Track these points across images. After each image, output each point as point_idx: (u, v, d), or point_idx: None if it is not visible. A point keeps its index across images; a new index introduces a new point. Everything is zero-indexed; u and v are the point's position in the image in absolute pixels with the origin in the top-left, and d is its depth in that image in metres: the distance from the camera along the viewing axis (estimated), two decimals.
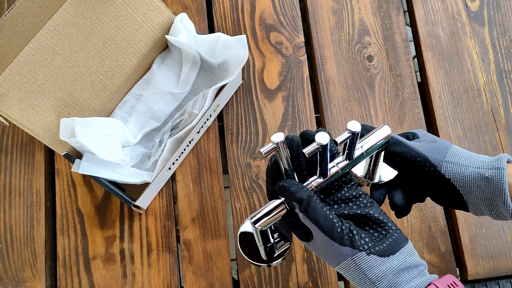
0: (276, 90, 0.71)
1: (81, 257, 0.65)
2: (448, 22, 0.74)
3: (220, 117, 0.71)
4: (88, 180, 0.67)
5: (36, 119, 0.59)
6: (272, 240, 0.49)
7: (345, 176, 0.48)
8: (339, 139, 0.45)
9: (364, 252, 0.44)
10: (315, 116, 0.71)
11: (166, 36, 0.64)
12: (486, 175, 0.47)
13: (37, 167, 0.68)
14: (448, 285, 0.44)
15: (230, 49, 0.64)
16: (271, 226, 0.46)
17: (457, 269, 0.66)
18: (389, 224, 0.46)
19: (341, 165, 0.47)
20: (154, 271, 0.65)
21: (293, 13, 0.75)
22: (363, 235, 0.45)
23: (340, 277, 0.68)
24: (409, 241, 0.46)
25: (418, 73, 0.76)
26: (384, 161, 0.52)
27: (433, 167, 0.49)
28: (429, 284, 0.44)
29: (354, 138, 0.44)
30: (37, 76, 0.58)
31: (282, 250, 0.50)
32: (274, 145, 0.43)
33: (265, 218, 0.45)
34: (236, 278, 0.66)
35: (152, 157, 0.65)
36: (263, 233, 0.47)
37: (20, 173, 0.68)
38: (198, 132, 0.67)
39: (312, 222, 0.44)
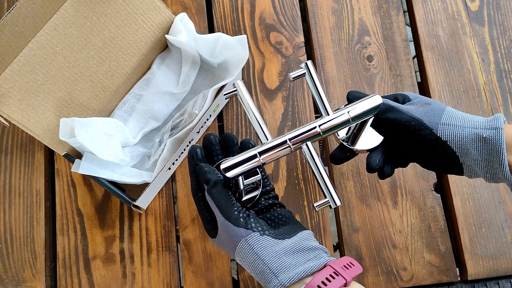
0: (276, 90, 0.71)
1: (81, 257, 0.65)
2: (448, 22, 0.75)
3: (220, 117, 0.71)
4: (88, 180, 0.67)
5: (36, 119, 0.59)
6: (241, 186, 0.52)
7: (264, 187, 0.53)
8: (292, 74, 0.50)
9: (258, 233, 0.45)
10: (315, 116, 0.71)
11: (166, 35, 0.64)
12: (484, 136, 0.46)
13: (37, 167, 0.68)
14: (344, 266, 0.44)
15: (230, 49, 0.64)
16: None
17: (457, 269, 0.66)
18: (290, 218, 0.49)
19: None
20: (154, 271, 0.65)
21: (293, 13, 0.75)
22: (260, 222, 0.47)
23: None
24: (308, 230, 0.48)
25: (418, 73, 0.76)
26: (370, 126, 0.53)
27: (428, 130, 0.48)
28: (324, 266, 0.44)
29: None
30: (37, 76, 0.58)
31: (250, 197, 0.53)
32: (234, 88, 0.49)
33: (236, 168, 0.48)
34: (236, 278, 0.66)
35: (152, 157, 0.65)
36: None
37: (20, 173, 0.68)
38: (198, 132, 0.67)
39: (214, 203, 0.47)
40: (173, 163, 0.65)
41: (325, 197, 0.49)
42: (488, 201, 0.67)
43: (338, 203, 0.47)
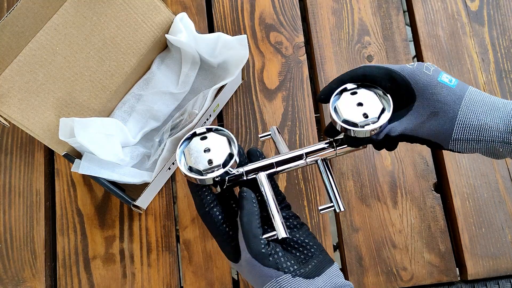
0: (276, 90, 0.71)
1: (81, 257, 0.65)
2: (448, 22, 0.75)
3: (220, 117, 0.71)
4: (88, 180, 0.67)
5: (36, 119, 0.59)
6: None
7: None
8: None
9: (290, 275, 0.43)
10: (315, 116, 0.71)
11: (166, 35, 0.64)
12: (501, 149, 0.44)
13: (37, 167, 0.68)
14: None
15: (230, 49, 0.64)
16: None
17: (457, 269, 0.66)
18: (315, 246, 0.47)
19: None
20: (153, 271, 0.65)
21: (292, 13, 0.75)
22: (288, 257, 0.45)
23: None
24: (335, 262, 0.46)
25: None
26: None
27: (438, 146, 0.46)
28: None
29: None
30: (37, 76, 0.58)
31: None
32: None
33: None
34: (236, 278, 0.66)
35: (151, 157, 0.65)
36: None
37: (20, 173, 0.68)
38: None
39: (243, 234, 0.44)
40: (173, 163, 0.65)
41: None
42: (488, 201, 0.67)
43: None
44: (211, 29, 0.75)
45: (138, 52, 0.63)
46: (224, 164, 0.48)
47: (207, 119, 0.67)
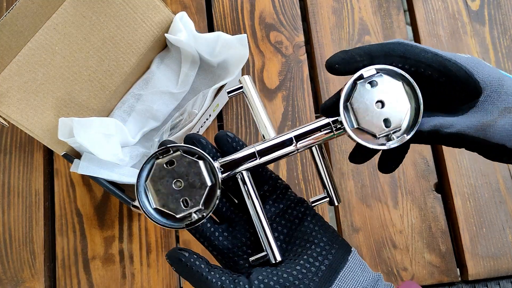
0: (276, 89, 0.71)
1: (80, 257, 0.65)
2: (449, 21, 0.74)
3: (219, 116, 0.71)
4: (87, 180, 0.67)
5: (35, 119, 0.59)
6: None
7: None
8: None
9: None
10: (315, 116, 0.71)
11: (166, 34, 0.64)
12: None
13: (36, 167, 0.68)
14: None
15: (230, 48, 0.64)
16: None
17: (458, 269, 0.66)
18: (321, 244, 0.38)
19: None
20: (153, 271, 0.64)
21: (293, 13, 0.74)
22: (287, 282, 0.36)
23: None
24: (349, 259, 0.38)
25: None
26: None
27: (500, 148, 0.34)
28: None
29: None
30: (36, 76, 0.58)
31: None
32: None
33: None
34: None
35: None
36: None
37: (19, 173, 0.67)
38: (198, 132, 0.66)
39: None
40: None
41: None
42: (488, 201, 0.67)
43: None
44: (211, 29, 0.75)
45: (137, 51, 0.63)
46: (206, 204, 0.37)
47: (207, 119, 0.67)
